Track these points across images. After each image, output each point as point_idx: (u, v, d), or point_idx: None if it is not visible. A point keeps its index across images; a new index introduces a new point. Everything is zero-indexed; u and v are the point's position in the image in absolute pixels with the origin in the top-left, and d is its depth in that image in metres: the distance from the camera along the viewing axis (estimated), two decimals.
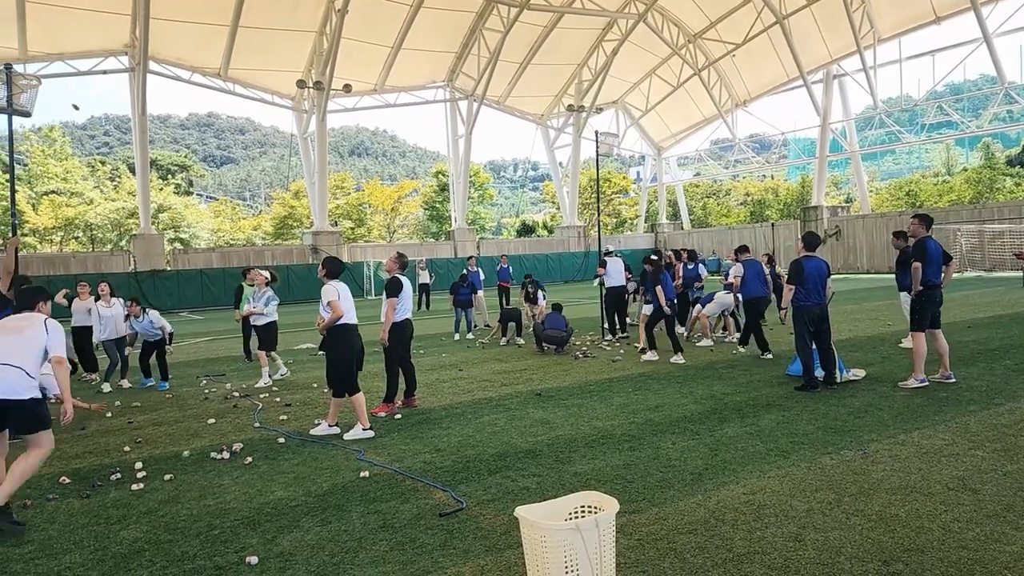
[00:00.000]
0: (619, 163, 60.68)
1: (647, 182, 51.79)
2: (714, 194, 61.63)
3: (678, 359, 10.35)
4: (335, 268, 7.29)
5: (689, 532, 4.11)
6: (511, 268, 19.46)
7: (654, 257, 11.06)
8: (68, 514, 4.98)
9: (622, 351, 11.80)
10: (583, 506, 3.54)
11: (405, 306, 7.99)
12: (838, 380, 8.04)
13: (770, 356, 10.35)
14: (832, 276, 8.51)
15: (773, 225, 41.70)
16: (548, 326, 12.10)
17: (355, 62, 33.95)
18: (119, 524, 4.74)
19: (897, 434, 5.97)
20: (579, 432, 6.57)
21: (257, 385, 10.08)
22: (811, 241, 8.17)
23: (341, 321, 6.94)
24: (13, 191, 9.11)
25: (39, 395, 4.86)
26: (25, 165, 44.14)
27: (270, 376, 10.36)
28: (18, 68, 9.62)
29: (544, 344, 12.21)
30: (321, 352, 10.50)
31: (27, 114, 9.09)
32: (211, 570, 3.95)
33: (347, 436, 6.78)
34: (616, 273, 13.32)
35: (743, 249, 11.46)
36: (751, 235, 41.80)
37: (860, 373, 8.41)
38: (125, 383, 10.55)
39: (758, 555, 3.77)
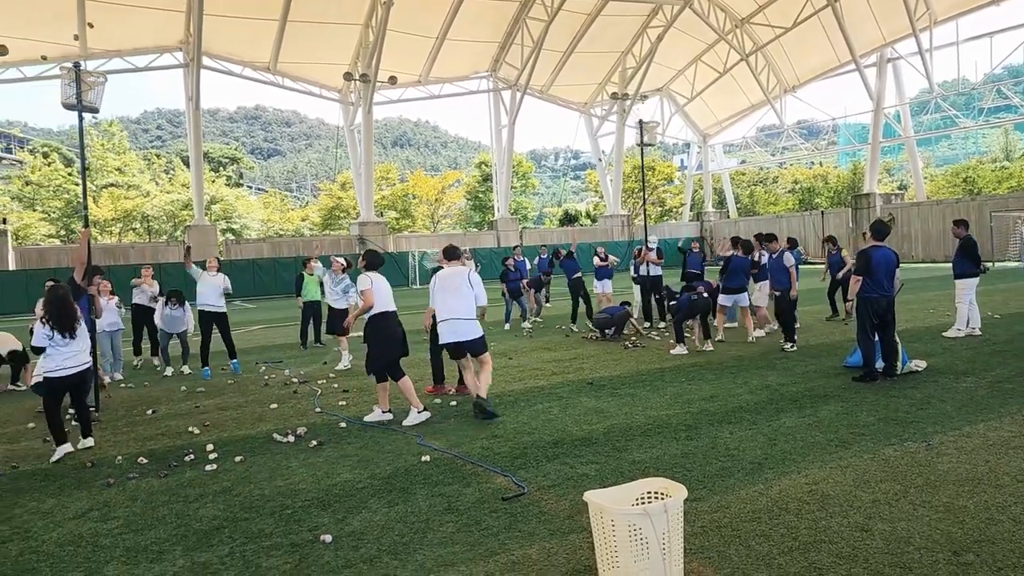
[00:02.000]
0: (663, 151, 60.02)
1: (692, 170, 51.16)
2: (761, 182, 60.48)
3: (680, 350, 10.39)
4: (374, 261, 7.46)
5: (753, 520, 4.14)
6: (550, 258, 19.52)
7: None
8: (148, 493, 5.24)
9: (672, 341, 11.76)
10: (650, 492, 3.60)
11: None
12: (899, 371, 7.90)
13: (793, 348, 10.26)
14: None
15: (823, 213, 40.81)
16: (608, 313, 12.50)
17: (400, 54, 34.25)
18: (197, 502, 4.98)
19: (962, 426, 5.86)
20: (634, 421, 6.61)
21: (338, 367, 10.52)
22: (880, 230, 8.00)
23: (378, 310, 7.09)
24: (84, 185, 9.52)
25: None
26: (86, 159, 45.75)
27: (349, 361, 10.72)
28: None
29: (594, 329, 12.62)
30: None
31: (95, 110, 9.43)
32: (287, 547, 4.13)
33: (405, 423, 6.94)
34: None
35: (768, 237, 11.23)
36: (799, 223, 41.00)
37: (921, 364, 8.25)
38: (186, 369, 10.92)
39: (825, 544, 3.78)
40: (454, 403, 7.82)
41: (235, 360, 10.68)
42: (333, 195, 51.20)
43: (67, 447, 6.29)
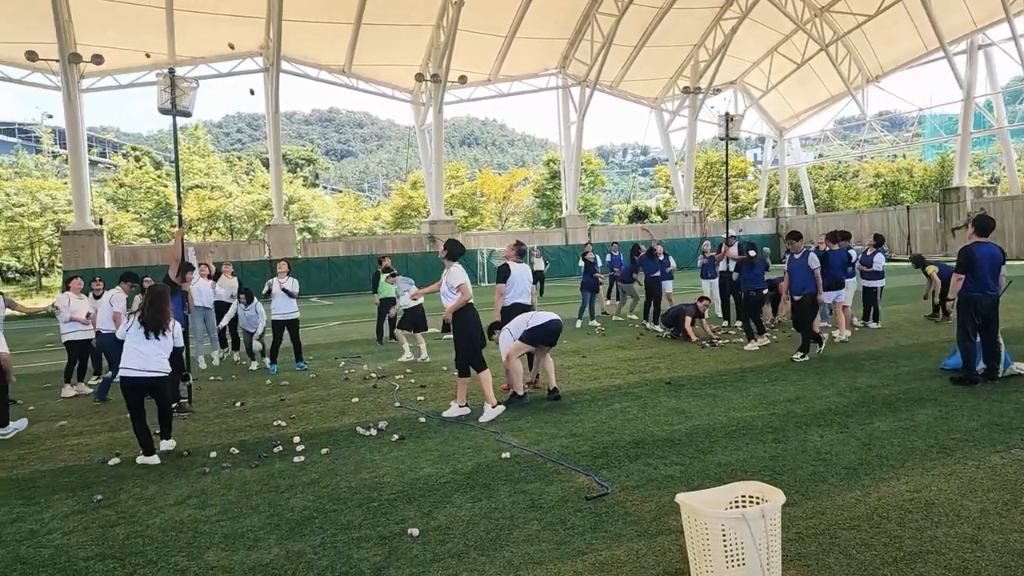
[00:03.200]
0: (736, 146, 58.55)
1: (767, 165, 49.67)
2: (840, 176, 58.22)
3: (752, 346, 10.52)
4: (456, 250, 7.53)
5: (851, 528, 3.97)
6: (622, 256, 19.30)
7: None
8: (242, 482, 5.43)
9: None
10: (744, 495, 3.49)
11: (516, 291, 8.27)
12: (1000, 374, 7.45)
13: (805, 358, 9.29)
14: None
15: (908, 208, 38.96)
16: (670, 311, 12.34)
17: (470, 53, 34.51)
18: (288, 492, 5.13)
19: None
20: (717, 422, 6.46)
21: (400, 360, 10.76)
22: (984, 225, 7.54)
23: (471, 300, 7.27)
24: (179, 186, 9.98)
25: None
26: (170, 161, 48.04)
27: (412, 356, 10.99)
28: None
29: (660, 326, 12.60)
30: (447, 336, 10.95)
31: (188, 114, 9.84)
32: (376, 539, 4.20)
33: (482, 419, 6.98)
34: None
35: (794, 236, 9.99)
36: (883, 219, 39.25)
37: None
38: (267, 361, 11.23)
39: (931, 555, 3.59)
40: (529, 401, 7.81)
41: (301, 362, 10.95)
42: (404, 194, 52.13)
43: (155, 459, 6.06)
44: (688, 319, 11.73)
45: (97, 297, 10.41)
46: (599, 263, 16.31)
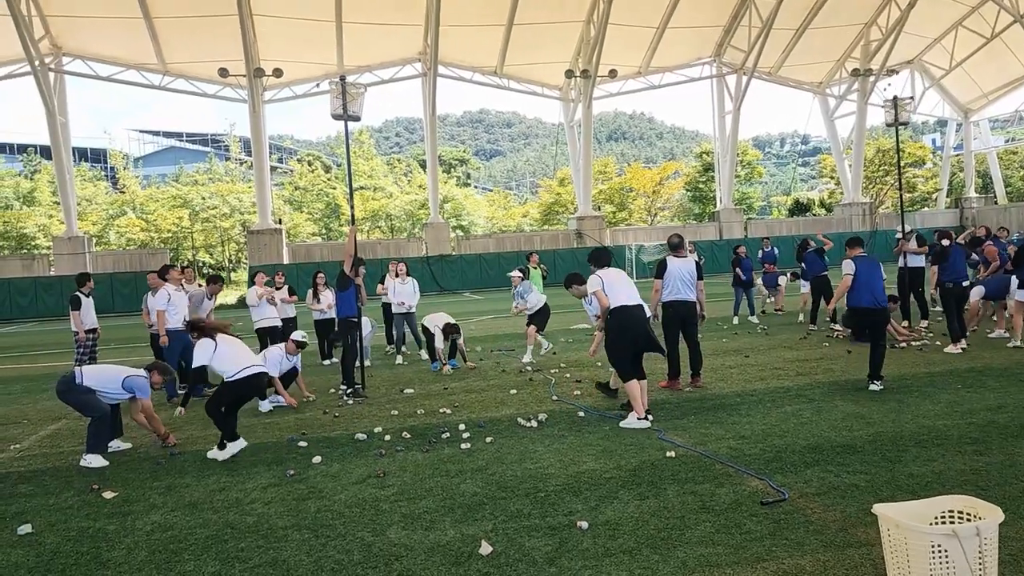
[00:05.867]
0: (911, 131, 53.68)
1: (949, 150, 45.10)
2: None
3: (954, 349, 9.62)
4: (600, 258, 7.36)
5: None
6: (776, 250, 18.27)
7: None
8: (415, 465, 5.71)
9: (933, 340, 10.44)
10: (951, 510, 3.19)
11: (674, 287, 8.04)
12: None
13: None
14: None
15: None
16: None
17: (620, 46, 34.10)
18: (457, 478, 5.33)
19: None
20: (904, 430, 5.94)
21: (522, 360, 10.68)
22: None
23: (615, 304, 6.84)
24: (351, 187, 10.65)
25: None
26: (339, 165, 51.54)
27: (532, 357, 10.82)
28: None
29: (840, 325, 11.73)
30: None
31: (357, 118, 10.47)
32: (546, 529, 4.26)
33: (623, 424, 6.63)
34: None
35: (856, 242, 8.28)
36: None
37: None
38: (423, 354, 11.69)
39: None
40: (687, 400, 7.60)
41: (452, 360, 10.87)
42: (552, 191, 52.51)
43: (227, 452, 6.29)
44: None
45: (279, 288, 11.38)
46: (775, 253, 15.98)
